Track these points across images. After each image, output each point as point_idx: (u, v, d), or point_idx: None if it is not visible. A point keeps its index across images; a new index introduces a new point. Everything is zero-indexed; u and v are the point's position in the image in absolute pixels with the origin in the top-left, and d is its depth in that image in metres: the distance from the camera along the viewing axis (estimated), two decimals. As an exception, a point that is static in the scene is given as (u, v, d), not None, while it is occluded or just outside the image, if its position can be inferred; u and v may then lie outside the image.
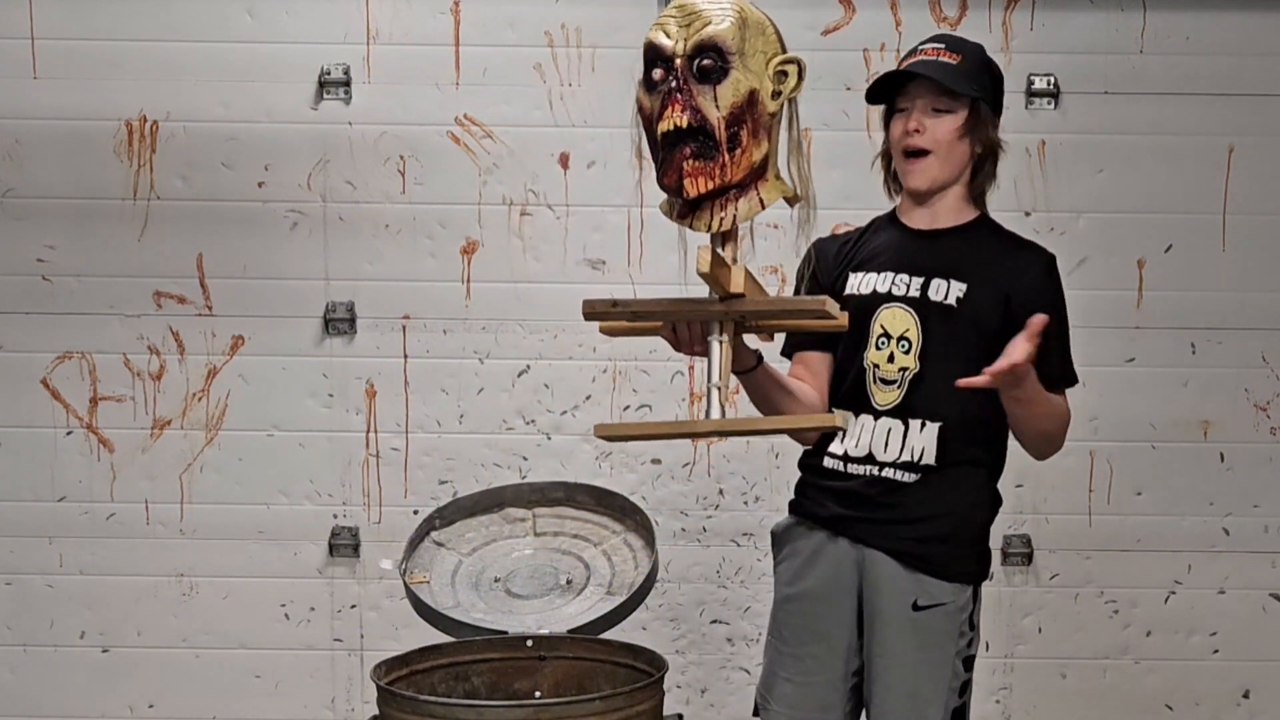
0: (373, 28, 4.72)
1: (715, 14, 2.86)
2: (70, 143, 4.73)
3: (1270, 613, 4.91)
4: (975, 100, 3.31)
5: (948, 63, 3.29)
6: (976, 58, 3.36)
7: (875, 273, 3.37)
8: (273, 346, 4.81)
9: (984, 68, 3.38)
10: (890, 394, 3.29)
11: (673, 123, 2.83)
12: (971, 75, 3.31)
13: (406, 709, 2.92)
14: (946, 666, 3.29)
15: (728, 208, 2.92)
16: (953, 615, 3.28)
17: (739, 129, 2.85)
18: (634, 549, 3.82)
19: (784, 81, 2.92)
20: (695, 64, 2.84)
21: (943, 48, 3.33)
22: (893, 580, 3.27)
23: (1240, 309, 4.80)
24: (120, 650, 4.91)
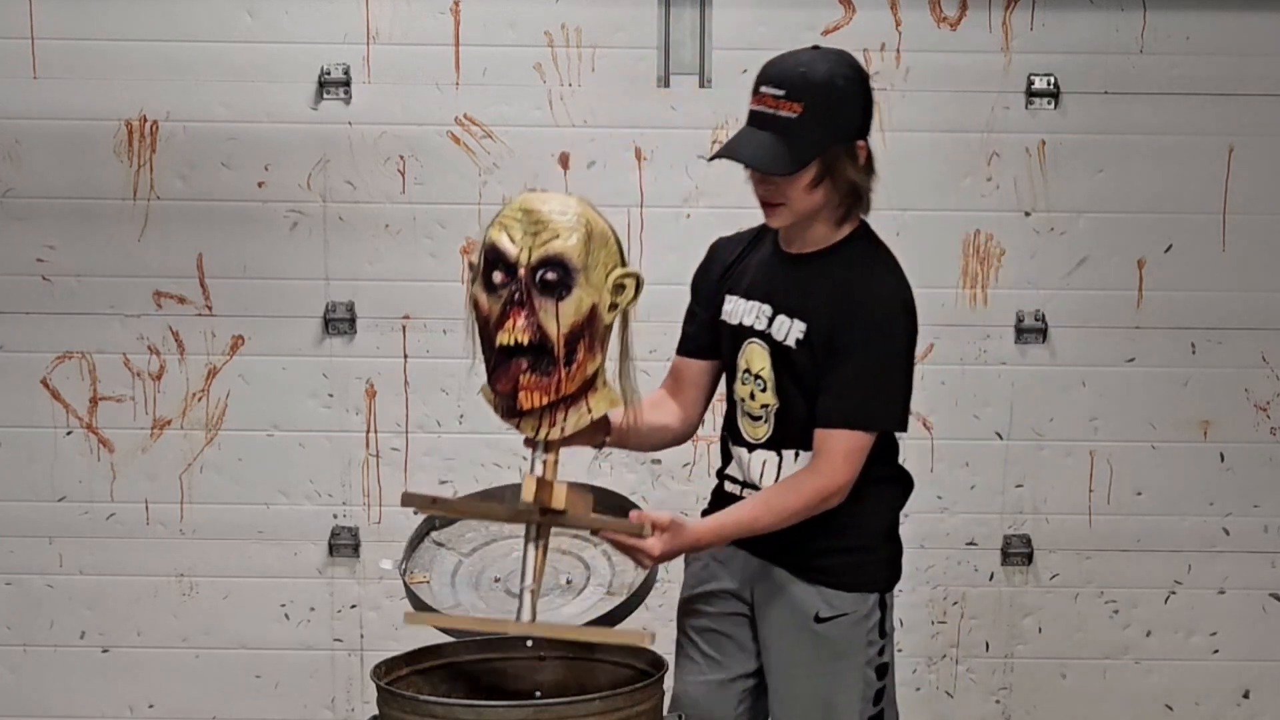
0: (373, 28, 4.72)
1: (563, 227, 2.88)
2: (70, 143, 4.73)
3: (1270, 613, 4.91)
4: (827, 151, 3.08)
5: (787, 118, 3.03)
6: (824, 95, 3.04)
7: (744, 299, 3.26)
8: (273, 346, 4.81)
9: (835, 101, 3.06)
10: (759, 429, 3.24)
11: (514, 338, 2.87)
12: (816, 123, 3.03)
13: (406, 709, 2.91)
14: (857, 676, 3.24)
15: (557, 418, 2.97)
16: (858, 624, 3.23)
17: (577, 344, 2.91)
18: (633, 549, 3.82)
19: (621, 294, 2.97)
20: (539, 275, 2.87)
21: (782, 96, 3.03)
22: (793, 594, 3.23)
23: (1240, 309, 4.80)
24: (120, 650, 4.91)
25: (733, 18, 4.71)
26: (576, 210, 2.94)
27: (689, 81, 4.73)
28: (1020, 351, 4.82)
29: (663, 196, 4.75)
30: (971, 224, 4.78)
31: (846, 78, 3.09)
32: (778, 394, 3.20)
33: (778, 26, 4.71)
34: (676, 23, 4.71)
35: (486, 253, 2.93)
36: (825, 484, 3.09)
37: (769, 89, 3.06)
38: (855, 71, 3.12)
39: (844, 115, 3.09)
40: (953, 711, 4.94)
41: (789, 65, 3.08)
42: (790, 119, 3.03)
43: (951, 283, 4.79)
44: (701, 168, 4.74)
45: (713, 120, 4.73)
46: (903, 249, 4.76)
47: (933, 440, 4.84)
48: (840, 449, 3.09)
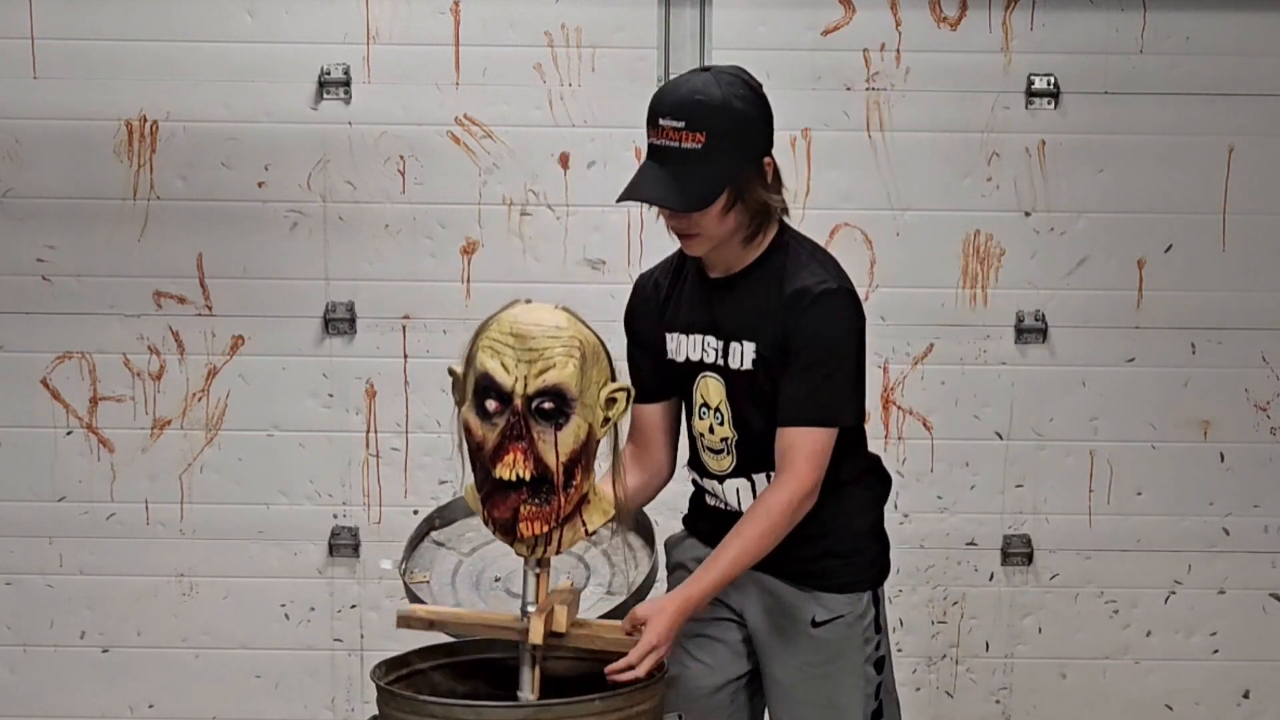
0: (373, 28, 4.72)
1: (557, 354, 2.84)
2: (70, 143, 4.73)
3: (1270, 613, 4.91)
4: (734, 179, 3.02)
5: (691, 150, 2.95)
6: (725, 120, 2.95)
7: (685, 335, 3.20)
8: (273, 346, 4.81)
9: (737, 125, 2.97)
10: (724, 461, 3.22)
11: (515, 473, 2.84)
12: (721, 151, 2.95)
13: (406, 709, 2.91)
14: (857, 675, 3.25)
15: (553, 538, 2.95)
16: (854, 624, 3.23)
17: (575, 469, 2.90)
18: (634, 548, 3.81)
19: (613, 408, 2.94)
20: (535, 404, 2.84)
21: (683, 128, 2.94)
22: (786, 601, 3.23)
23: (1240, 309, 4.80)
24: (120, 650, 4.91)
25: (733, 18, 4.71)
26: (569, 331, 2.87)
27: (689, 81, 4.72)
28: (1020, 351, 4.82)
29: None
30: (971, 224, 4.78)
31: (744, 98, 3.00)
32: (735, 426, 3.17)
33: (778, 26, 4.71)
34: (676, 23, 4.71)
35: (479, 379, 2.87)
36: (791, 493, 3.05)
37: (668, 121, 2.97)
38: (752, 90, 3.04)
39: (747, 137, 3.01)
40: (953, 711, 4.94)
41: (685, 94, 2.98)
42: (694, 150, 2.95)
43: (951, 283, 4.79)
44: (701, 168, 4.74)
45: (713, 120, 4.73)
46: (902, 249, 4.81)
47: (933, 440, 4.84)
48: (802, 449, 3.05)
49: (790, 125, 4.72)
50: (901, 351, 4.80)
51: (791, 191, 4.72)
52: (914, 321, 4.79)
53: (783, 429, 3.06)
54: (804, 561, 3.21)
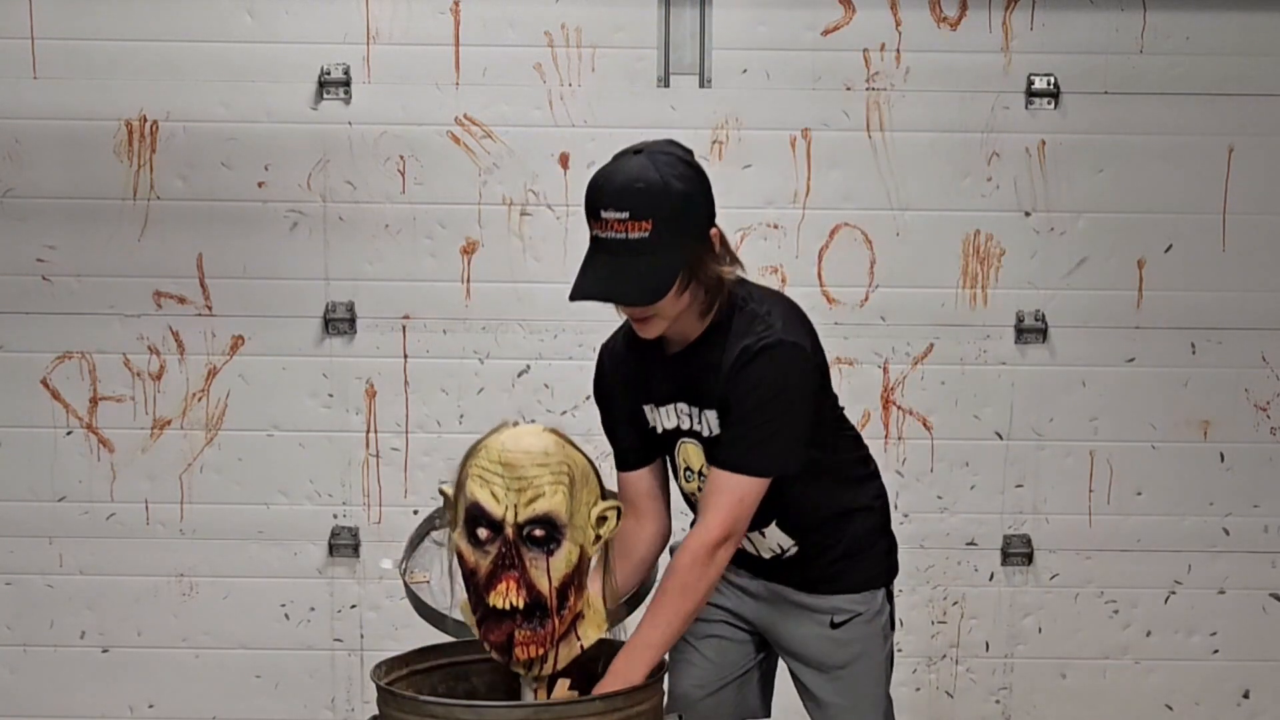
0: (373, 28, 4.72)
1: (546, 482, 2.85)
2: (70, 143, 4.73)
3: (1270, 613, 4.91)
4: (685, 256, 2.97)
5: (639, 240, 2.89)
6: (669, 204, 2.89)
7: (661, 406, 3.18)
8: (273, 346, 4.81)
9: (681, 206, 2.91)
10: None
11: (508, 601, 2.85)
12: (669, 236, 2.89)
13: (406, 709, 2.91)
14: (881, 671, 3.29)
15: (549, 656, 2.96)
16: (872, 622, 3.26)
17: (568, 591, 2.90)
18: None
19: (604, 525, 2.94)
20: (526, 532, 2.85)
21: (627, 218, 2.88)
22: (805, 604, 3.25)
23: (1240, 309, 4.80)
24: (120, 650, 4.91)
25: (733, 18, 4.71)
26: (557, 457, 2.87)
27: (689, 81, 4.73)
28: (1020, 351, 4.82)
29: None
30: (971, 224, 4.78)
31: (683, 177, 2.93)
32: None
33: (778, 26, 4.71)
34: (676, 23, 4.71)
35: (469, 508, 2.89)
36: (700, 543, 3.00)
37: (611, 213, 2.91)
38: (688, 166, 2.97)
39: (692, 217, 2.95)
40: (953, 711, 4.94)
41: (623, 182, 2.92)
42: (642, 239, 2.89)
43: (951, 283, 4.79)
44: (701, 168, 4.74)
45: (713, 120, 4.73)
46: (903, 249, 4.81)
47: (933, 440, 4.84)
48: (722, 496, 3.01)
49: (790, 125, 4.73)
50: (901, 351, 4.80)
51: (791, 191, 4.77)
52: (914, 321, 4.79)
53: (718, 468, 3.03)
54: (816, 569, 3.23)
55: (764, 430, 3.00)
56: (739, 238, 4.75)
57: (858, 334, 4.80)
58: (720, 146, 4.74)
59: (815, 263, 4.78)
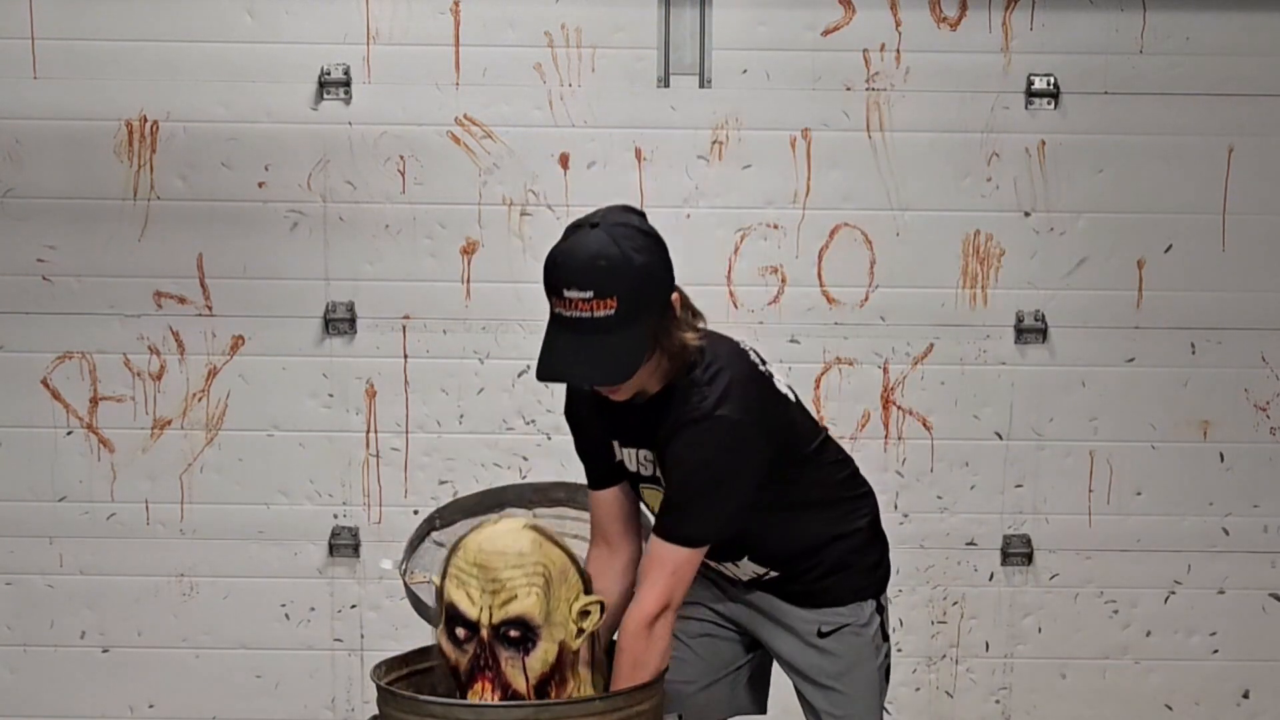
0: (373, 28, 4.72)
1: (520, 585, 2.88)
2: (70, 143, 4.73)
3: (1270, 613, 4.91)
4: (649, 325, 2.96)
5: (605, 318, 2.86)
6: (631, 280, 2.87)
7: (627, 448, 3.17)
8: (273, 346, 4.81)
9: (643, 280, 2.89)
10: None
11: (483, 699, 2.90)
12: (634, 311, 2.88)
13: (407, 709, 2.91)
14: (874, 683, 3.29)
15: None
16: (861, 633, 3.25)
17: (548, 685, 2.94)
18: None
19: (586, 619, 2.96)
20: (501, 632, 2.89)
21: (591, 298, 2.85)
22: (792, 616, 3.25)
23: (1240, 309, 4.80)
24: (120, 650, 4.91)
25: (733, 18, 4.71)
26: (532, 558, 2.89)
27: (689, 81, 4.73)
28: (1020, 351, 4.82)
29: (663, 196, 4.75)
30: (971, 224, 4.78)
31: (642, 248, 2.90)
32: None
33: (778, 26, 4.71)
34: (676, 23, 4.71)
35: (446, 608, 2.93)
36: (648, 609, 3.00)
37: (575, 293, 2.86)
38: (645, 237, 2.94)
39: (655, 288, 2.93)
40: (953, 711, 4.94)
41: (584, 260, 2.87)
42: (609, 318, 2.86)
43: (951, 283, 4.79)
44: (701, 168, 4.74)
45: (713, 120, 4.73)
46: (902, 249, 4.81)
47: (933, 440, 4.84)
48: (656, 566, 3.02)
49: (790, 125, 4.73)
50: (901, 351, 4.80)
51: (791, 191, 4.78)
52: (914, 321, 4.79)
53: (654, 535, 3.04)
54: (803, 584, 3.23)
55: (690, 502, 3.00)
56: (739, 238, 4.76)
57: (858, 334, 4.80)
58: (720, 146, 4.74)
59: (815, 263, 4.78)
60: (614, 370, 2.91)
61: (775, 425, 3.08)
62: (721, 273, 4.78)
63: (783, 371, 3.41)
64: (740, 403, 3.00)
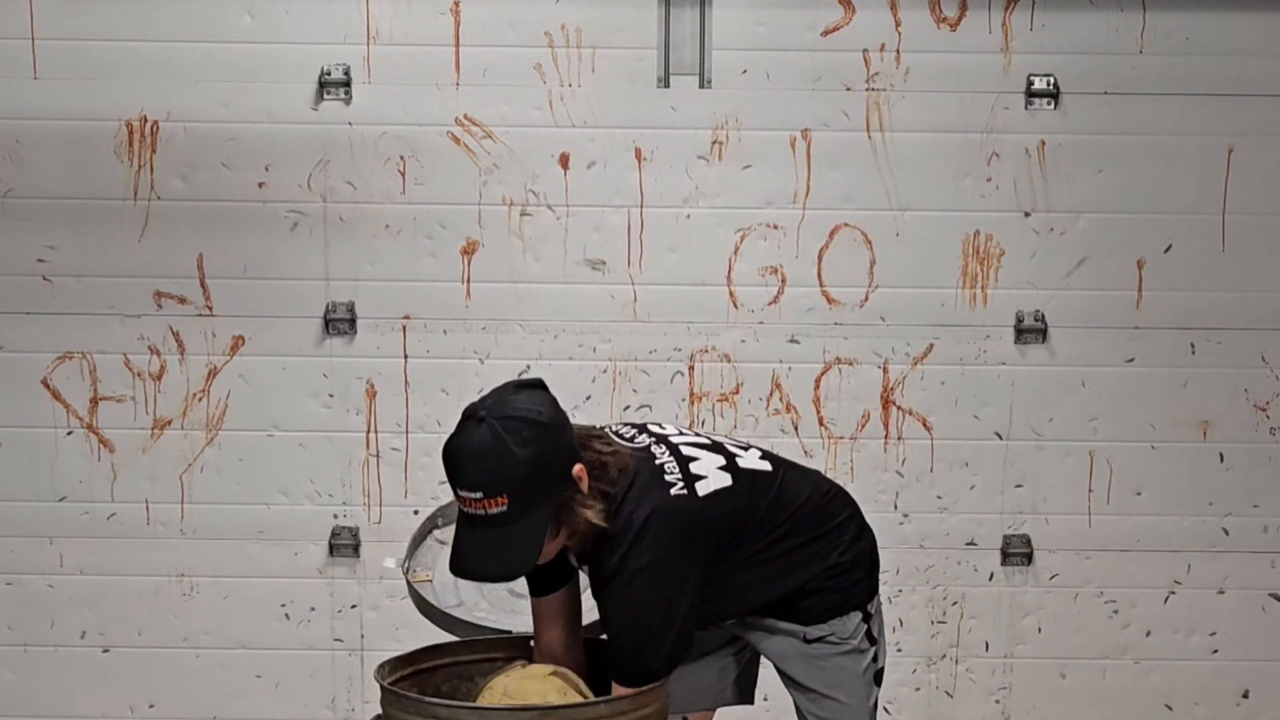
0: (373, 28, 4.72)
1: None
2: (70, 143, 4.73)
3: (1270, 613, 4.91)
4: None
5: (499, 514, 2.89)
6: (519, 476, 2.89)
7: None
8: (273, 346, 4.81)
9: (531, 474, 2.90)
10: None
11: None
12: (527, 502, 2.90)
13: (411, 710, 2.91)
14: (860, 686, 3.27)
15: None
16: (846, 641, 3.24)
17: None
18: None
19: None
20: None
21: (481, 497, 2.89)
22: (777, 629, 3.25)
23: (1240, 309, 4.80)
24: (120, 650, 4.90)
25: (733, 18, 4.71)
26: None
27: (689, 81, 4.73)
28: (1020, 351, 4.82)
29: (663, 196, 4.75)
30: (971, 224, 4.78)
31: (528, 440, 2.90)
32: None
33: (778, 26, 4.71)
34: (676, 23, 4.71)
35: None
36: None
37: (467, 493, 2.90)
38: (531, 426, 2.92)
39: (546, 477, 2.92)
40: (953, 711, 4.94)
41: (470, 460, 2.91)
42: (502, 514, 2.89)
43: (951, 283, 4.79)
44: (701, 168, 4.74)
45: (712, 120, 4.73)
46: (902, 249, 4.81)
47: (933, 440, 4.84)
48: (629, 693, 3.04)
49: (790, 125, 4.73)
50: (901, 351, 4.81)
51: (791, 191, 4.78)
52: (914, 321, 4.79)
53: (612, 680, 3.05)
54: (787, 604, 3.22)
55: (637, 648, 3.01)
56: (739, 238, 4.76)
57: (858, 334, 4.80)
58: (720, 147, 4.74)
59: (815, 263, 4.78)
60: (514, 563, 2.96)
61: (706, 532, 3.06)
62: (721, 273, 4.78)
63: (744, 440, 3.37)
64: (656, 539, 2.99)
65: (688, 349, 4.80)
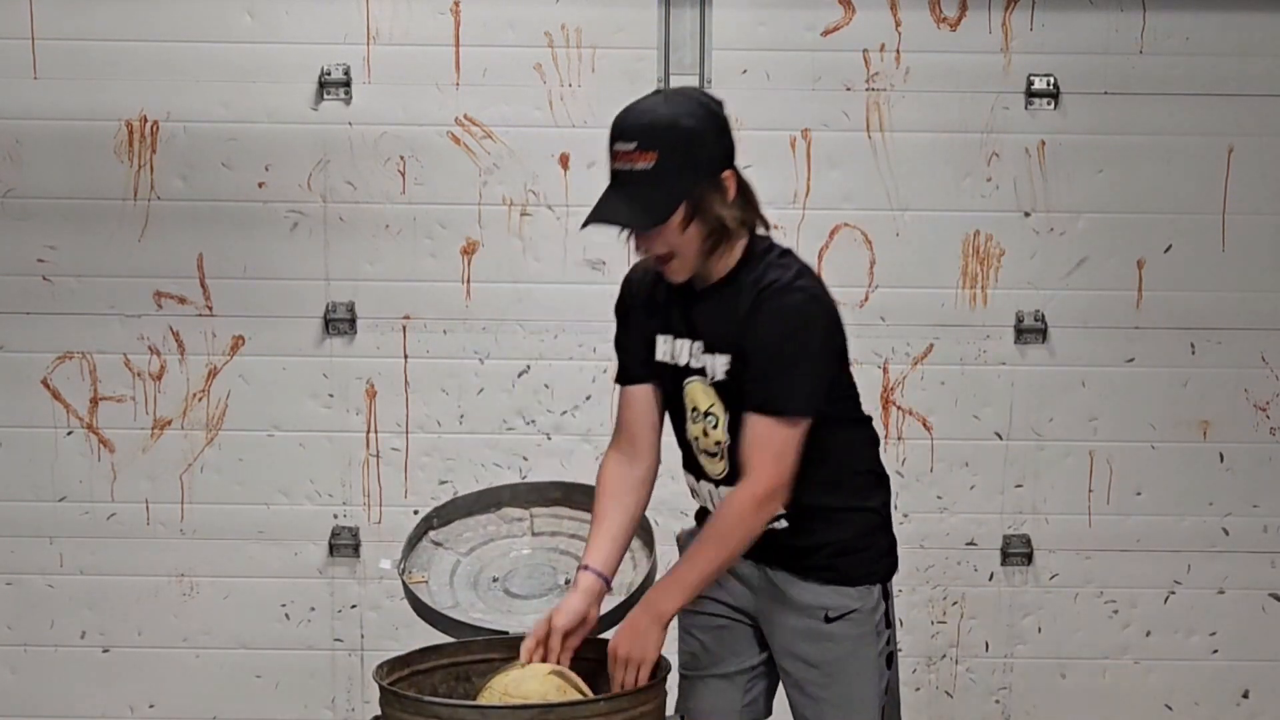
0: (373, 28, 4.72)
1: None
2: (70, 143, 4.73)
3: (1270, 613, 4.91)
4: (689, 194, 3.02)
5: (644, 170, 2.97)
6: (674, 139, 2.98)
7: (675, 338, 3.21)
8: (273, 346, 4.81)
9: (687, 142, 2.99)
10: (717, 465, 3.21)
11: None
12: (673, 168, 2.97)
13: (410, 710, 2.91)
14: (872, 669, 3.27)
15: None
16: (865, 619, 3.24)
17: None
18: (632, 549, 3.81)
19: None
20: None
21: (634, 148, 2.98)
22: (799, 597, 3.23)
23: (1240, 309, 4.80)
24: (120, 650, 4.91)
25: (733, 18, 4.71)
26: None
27: (689, 82, 4.73)
28: (1020, 352, 4.82)
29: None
30: (971, 224, 4.78)
31: (694, 115, 3.01)
32: (729, 430, 3.15)
33: (778, 26, 4.71)
34: (676, 23, 4.71)
35: None
36: (750, 494, 3.04)
37: (621, 144, 3.01)
38: (704, 108, 3.04)
39: (699, 153, 3.00)
40: (953, 711, 4.94)
41: (635, 116, 3.04)
42: (647, 170, 2.98)
43: (951, 283, 4.79)
44: (701, 168, 4.74)
45: (713, 120, 4.73)
46: (903, 249, 4.81)
47: (933, 440, 4.84)
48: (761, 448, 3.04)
49: (790, 125, 4.73)
50: (901, 351, 4.81)
51: (791, 191, 4.77)
52: (914, 321, 4.79)
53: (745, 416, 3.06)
54: (817, 556, 3.23)
55: (782, 373, 3.03)
56: (739, 238, 4.75)
57: (858, 334, 4.74)
58: (720, 146, 4.74)
59: (815, 263, 4.77)
60: (642, 215, 3.00)
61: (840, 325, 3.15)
62: (721, 273, 4.78)
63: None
64: (816, 282, 3.11)
65: (687, 349, 4.80)
